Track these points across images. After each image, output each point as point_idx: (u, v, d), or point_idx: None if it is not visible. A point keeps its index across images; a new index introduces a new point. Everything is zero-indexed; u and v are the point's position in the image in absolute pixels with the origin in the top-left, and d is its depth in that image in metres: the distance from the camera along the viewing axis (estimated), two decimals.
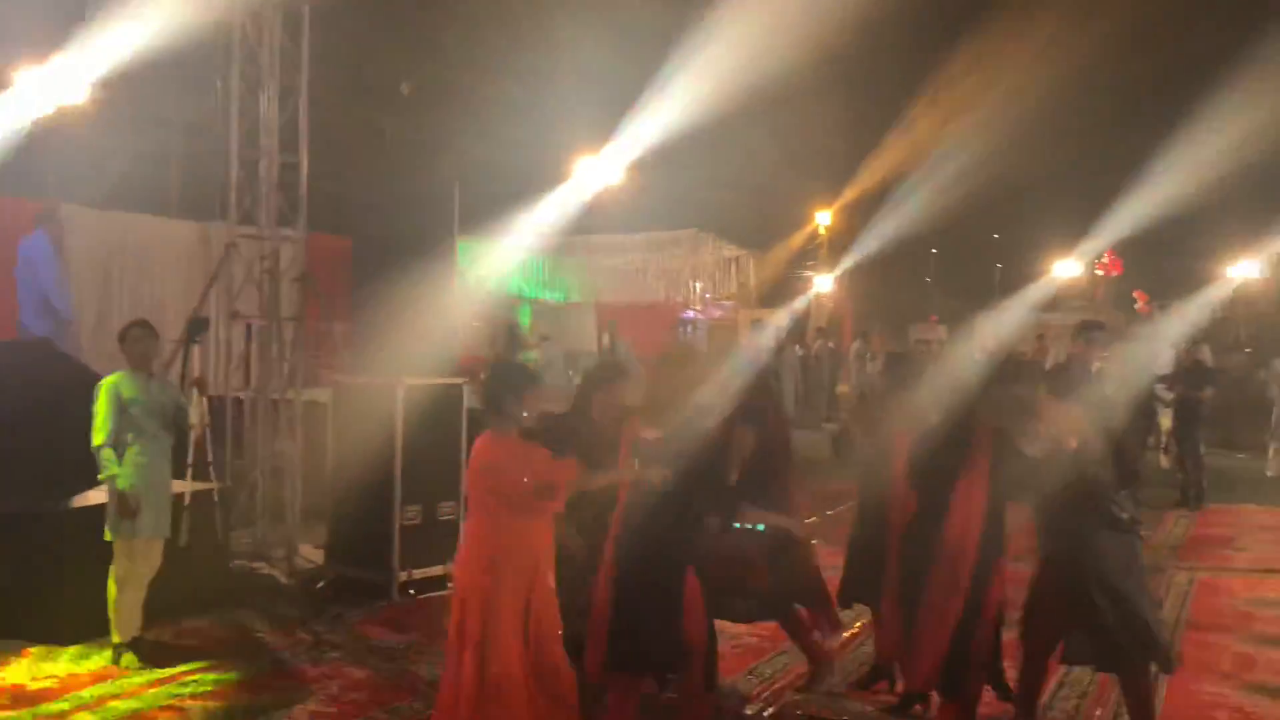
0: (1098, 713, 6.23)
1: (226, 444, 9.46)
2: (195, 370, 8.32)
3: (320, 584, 8.63)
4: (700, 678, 5.33)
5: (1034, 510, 5.73)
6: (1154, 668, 5.61)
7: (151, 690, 6.39)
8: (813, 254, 35.75)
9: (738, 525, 5.85)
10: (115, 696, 6.27)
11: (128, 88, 13.48)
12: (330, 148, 16.67)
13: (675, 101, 21.52)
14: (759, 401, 6.32)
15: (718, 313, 28.46)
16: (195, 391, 7.62)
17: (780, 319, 27.80)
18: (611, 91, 23.07)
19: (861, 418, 7.51)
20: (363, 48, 21.29)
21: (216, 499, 7.98)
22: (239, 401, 9.83)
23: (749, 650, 7.16)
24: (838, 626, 6.64)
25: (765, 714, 6.20)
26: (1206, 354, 14.03)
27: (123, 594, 6.82)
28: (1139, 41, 33.25)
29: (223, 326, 9.73)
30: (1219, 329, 27.97)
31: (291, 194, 9.37)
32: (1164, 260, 36.30)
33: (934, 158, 31.57)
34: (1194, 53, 31.35)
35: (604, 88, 23.88)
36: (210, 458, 7.98)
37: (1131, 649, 5.34)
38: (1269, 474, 15.89)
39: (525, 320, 24.13)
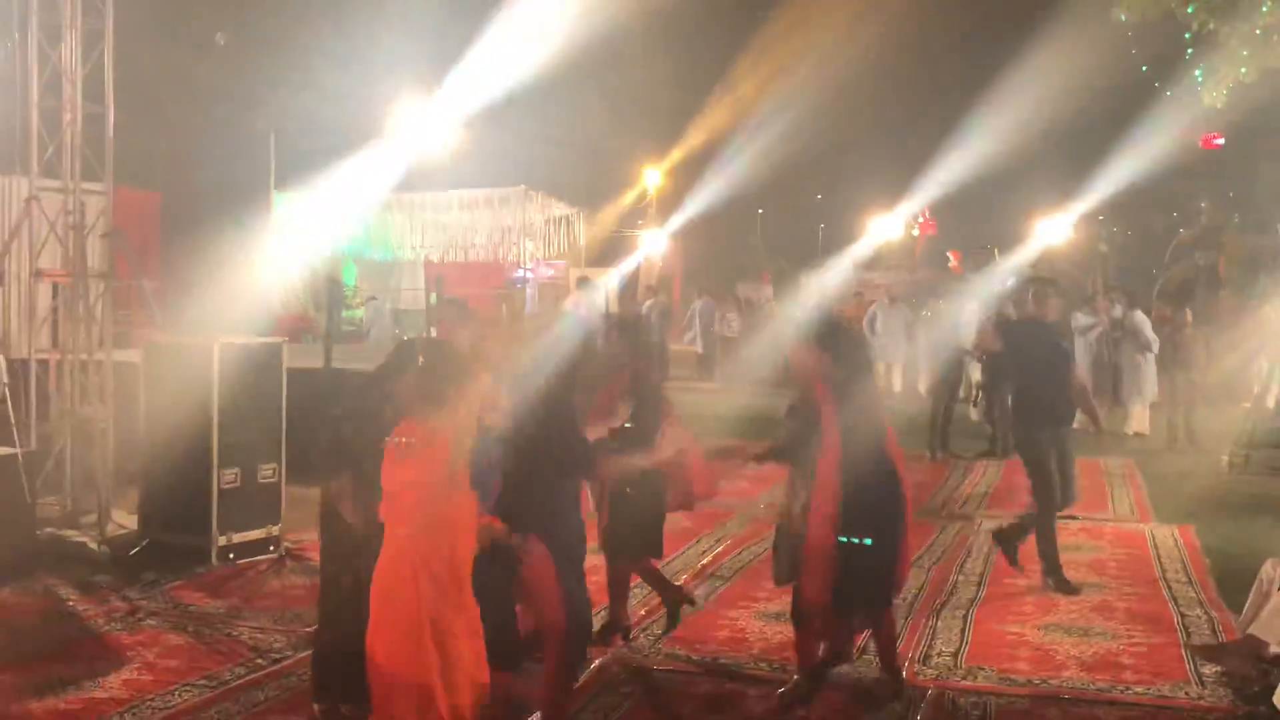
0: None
1: (32, 408, 9.05)
2: None
3: (134, 550, 8.35)
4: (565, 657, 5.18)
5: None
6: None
7: None
8: (642, 213, 35.99)
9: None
10: None
11: None
12: (140, 98, 15.99)
13: (503, 57, 21.32)
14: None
15: (549, 272, 28.44)
16: None
17: (610, 278, 28.00)
18: (439, 44, 22.70)
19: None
20: None
21: (20, 463, 7.65)
22: (44, 364, 9.40)
23: None
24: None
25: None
26: (1010, 311, 14.61)
27: None
28: (951, 3, 34.28)
29: (26, 286, 9.28)
30: (1025, 288, 29.18)
31: (97, 146, 8.94)
32: (974, 221, 37.69)
33: (758, 118, 32.05)
34: (1004, 15, 32.46)
35: (430, 40, 23.48)
36: (11, 420, 7.63)
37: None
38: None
39: (350, 278, 23.69)
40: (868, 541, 5.59)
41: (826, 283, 30.98)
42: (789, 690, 5.78)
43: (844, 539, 5.58)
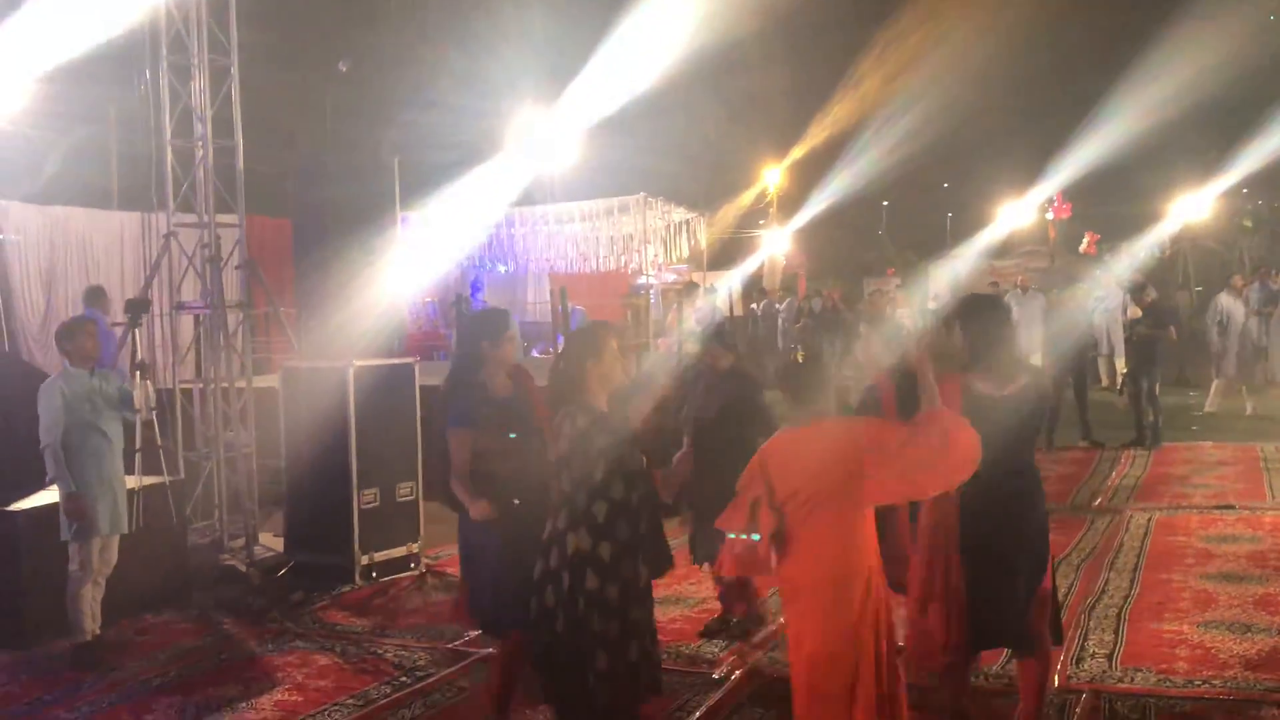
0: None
1: (178, 436, 9.35)
2: (139, 353, 8.24)
3: (281, 571, 8.56)
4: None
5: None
6: None
7: (113, 691, 6.32)
8: (763, 213, 35.78)
9: None
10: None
11: (61, 83, 13.26)
12: (268, 127, 16.47)
13: (619, 67, 21.40)
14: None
15: (671, 277, 28.44)
16: (138, 375, 7.52)
17: (733, 280, 27.89)
18: (556, 57, 22.92)
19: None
20: (297, 23, 21.02)
21: (170, 490, 7.89)
22: (188, 393, 9.72)
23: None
24: None
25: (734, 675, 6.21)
26: (1152, 294, 14.13)
27: (80, 593, 6.74)
28: None
29: (167, 318, 9.60)
30: (1166, 268, 28.28)
31: (228, 179, 9.22)
32: (1111, 202, 36.61)
33: (882, 111, 31.64)
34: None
35: (548, 53, 23.72)
36: (159, 444, 7.88)
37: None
38: (1207, 409, 16.06)
39: (477, 293, 24.00)
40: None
41: (958, 273, 30.46)
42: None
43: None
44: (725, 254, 31.72)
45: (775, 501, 4.41)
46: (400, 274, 9.78)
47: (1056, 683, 5.75)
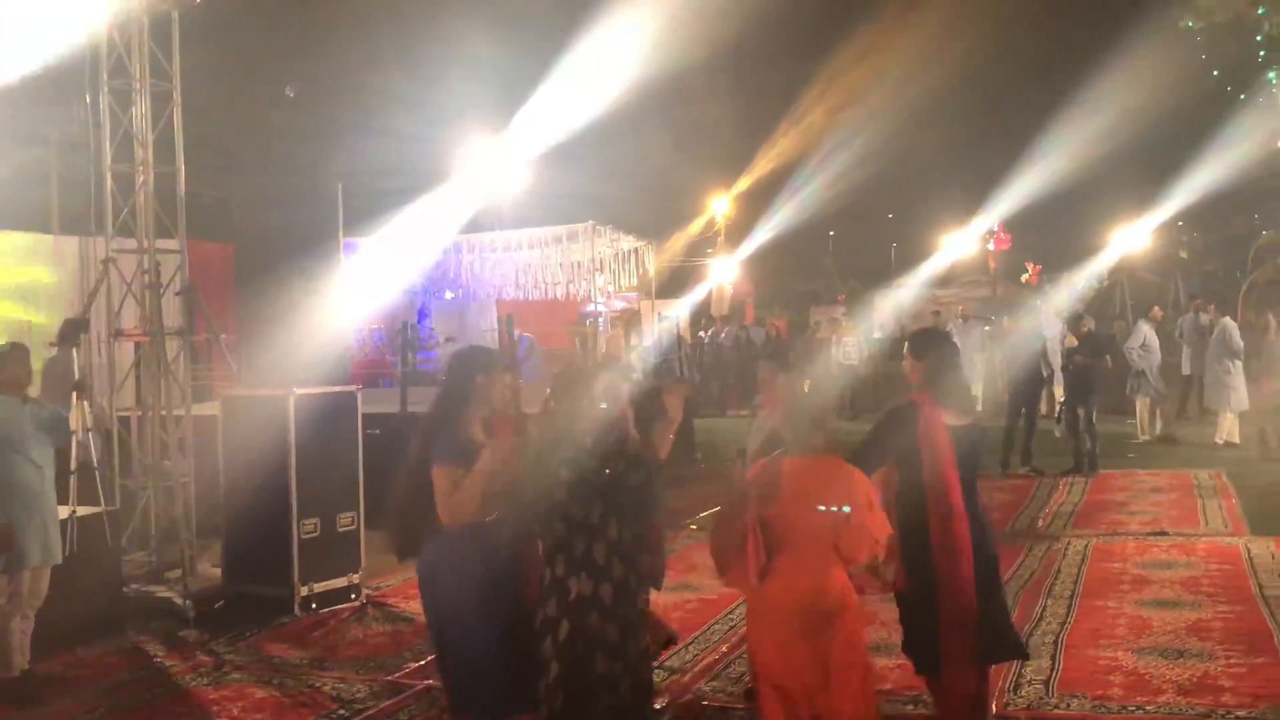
0: None
1: (115, 465, 9.21)
2: (77, 373, 8.15)
3: (218, 603, 8.45)
4: None
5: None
6: None
7: None
8: (711, 241, 35.98)
9: None
10: None
11: (1, 105, 13.09)
12: (212, 151, 16.31)
13: (568, 95, 21.48)
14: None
15: (620, 304, 28.47)
16: (75, 395, 7.40)
17: (681, 308, 27.99)
18: (505, 85, 22.97)
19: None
20: (246, 48, 20.91)
21: (106, 520, 7.78)
22: (126, 421, 9.58)
23: None
24: None
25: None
26: (1089, 324, 14.37)
27: (9, 626, 6.61)
28: (1024, 23, 34.02)
29: (105, 345, 9.47)
30: (1104, 298, 28.78)
31: (170, 205, 9.13)
32: (1051, 233, 37.22)
33: (827, 142, 32.00)
34: (1076, 33, 32.17)
35: (497, 81, 23.76)
36: (94, 465, 7.77)
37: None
38: (1142, 437, 16.32)
39: (423, 320, 23.88)
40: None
41: (902, 302, 30.82)
42: None
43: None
44: (674, 282, 31.82)
45: (760, 525, 4.55)
46: (344, 301, 9.72)
47: (994, 709, 5.80)
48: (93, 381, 9.37)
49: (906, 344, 5.69)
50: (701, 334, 27.40)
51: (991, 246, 36.65)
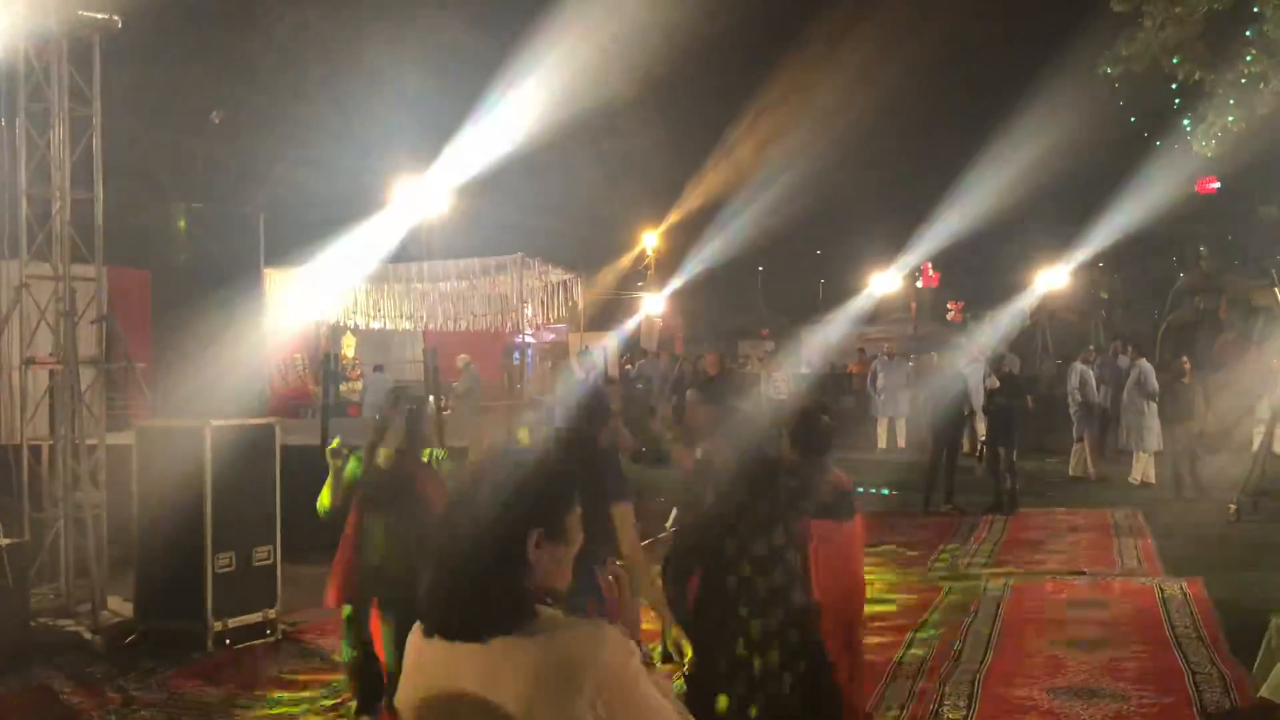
0: None
1: (24, 495, 8.97)
2: None
3: (130, 638, 8.24)
4: None
5: None
6: None
7: None
8: (641, 275, 36.11)
9: None
10: None
11: None
12: (132, 176, 16.06)
13: (497, 128, 21.48)
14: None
15: (550, 336, 28.44)
16: None
17: (610, 341, 28.04)
18: (433, 117, 22.91)
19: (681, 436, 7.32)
20: (171, 74, 20.67)
21: (10, 553, 7.57)
22: (36, 450, 9.34)
23: None
24: None
25: None
26: (1015, 364, 14.60)
27: None
28: (948, 64, 34.75)
29: (18, 374, 9.24)
30: (1027, 338, 29.30)
31: (86, 231, 8.95)
32: (976, 272, 37.87)
33: (757, 177, 32.34)
34: (999, 77, 32.90)
35: (425, 113, 23.70)
36: None
37: None
38: (1071, 474, 16.61)
39: (350, 350, 23.69)
40: None
41: (828, 338, 31.11)
42: None
43: None
44: (604, 315, 31.87)
45: None
46: (264, 331, 9.58)
47: None
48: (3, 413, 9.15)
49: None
50: (628, 367, 27.42)
51: (919, 284, 37.20)
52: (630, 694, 2.20)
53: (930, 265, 38.70)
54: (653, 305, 34.05)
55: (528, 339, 22.42)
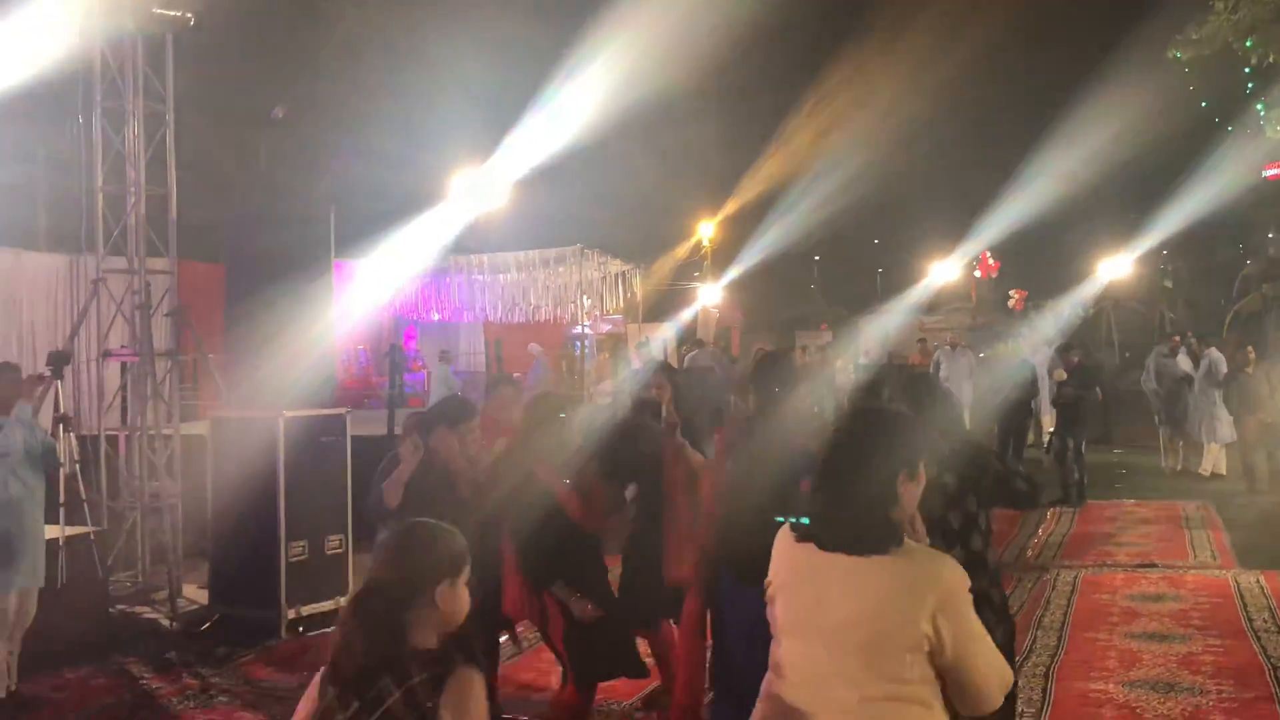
0: None
1: (103, 485, 9.14)
2: (60, 407, 8.08)
3: (205, 625, 8.38)
4: None
5: None
6: None
7: None
8: (697, 266, 36.02)
9: None
10: None
11: None
12: (202, 171, 16.29)
13: (556, 120, 21.53)
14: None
15: (606, 327, 28.47)
16: (62, 428, 7.34)
17: (667, 332, 28.01)
18: (494, 108, 23.01)
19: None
20: (235, 70, 20.92)
21: (93, 541, 7.72)
22: (114, 441, 9.52)
23: None
24: None
25: None
26: (1079, 355, 14.41)
27: None
28: (1011, 51, 34.29)
29: (95, 365, 9.42)
30: (1090, 327, 28.91)
31: (161, 226, 9.10)
32: (1038, 261, 37.39)
33: (815, 167, 32.12)
34: (1065, 62, 32.44)
35: (486, 104, 23.81)
36: (83, 497, 7.72)
37: None
38: (1167, 467, 16.29)
39: (410, 342, 23.85)
40: None
41: (887, 329, 30.88)
42: None
43: None
44: (661, 306, 31.85)
45: None
46: (333, 322, 9.66)
47: None
48: (81, 402, 9.33)
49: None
50: (685, 358, 27.35)
51: (978, 274, 36.79)
52: (962, 614, 2.72)
53: (989, 254, 38.23)
54: (709, 296, 33.98)
55: (585, 330, 22.43)
